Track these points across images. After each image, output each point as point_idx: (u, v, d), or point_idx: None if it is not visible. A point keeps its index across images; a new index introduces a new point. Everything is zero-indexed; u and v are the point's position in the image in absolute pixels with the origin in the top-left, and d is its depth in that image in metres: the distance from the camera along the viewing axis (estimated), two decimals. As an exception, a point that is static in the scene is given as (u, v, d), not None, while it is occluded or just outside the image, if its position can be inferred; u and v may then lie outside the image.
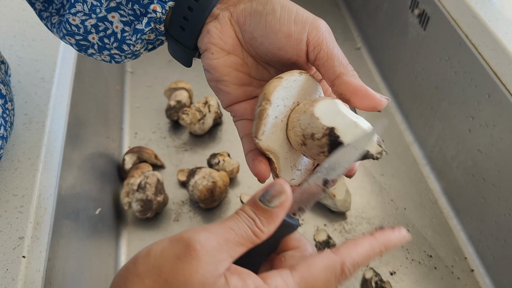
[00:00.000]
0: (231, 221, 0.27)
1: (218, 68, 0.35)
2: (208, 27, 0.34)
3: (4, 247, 0.41)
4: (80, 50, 0.39)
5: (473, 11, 0.69)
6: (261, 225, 0.28)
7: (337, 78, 0.32)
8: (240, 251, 0.27)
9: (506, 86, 0.63)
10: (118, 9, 0.35)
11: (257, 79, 0.36)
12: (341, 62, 0.32)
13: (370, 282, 0.69)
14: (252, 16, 0.33)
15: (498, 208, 0.67)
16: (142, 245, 0.74)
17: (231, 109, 0.37)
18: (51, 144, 0.51)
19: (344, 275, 0.27)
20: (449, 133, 0.79)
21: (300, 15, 0.32)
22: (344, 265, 0.27)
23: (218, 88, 0.36)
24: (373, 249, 0.29)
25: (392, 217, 0.79)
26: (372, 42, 1.08)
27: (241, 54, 0.35)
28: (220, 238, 0.26)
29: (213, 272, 0.25)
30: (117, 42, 0.37)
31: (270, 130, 0.32)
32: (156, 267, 0.25)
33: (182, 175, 0.82)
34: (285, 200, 0.28)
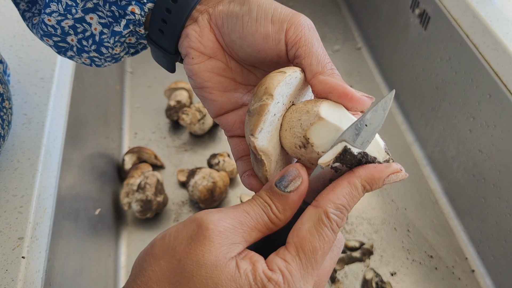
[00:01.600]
0: (246, 205, 0.27)
1: (199, 73, 0.33)
2: (187, 30, 0.33)
3: (3, 247, 0.41)
4: (59, 52, 0.38)
5: (474, 11, 0.69)
6: (276, 211, 0.27)
7: (313, 78, 0.30)
8: (256, 236, 0.27)
9: (507, 86, 0.63)
10: (96, 10, 0.34)
11: (243, 84, 0.35)
12: (319, 60, 0.30)
13: (371, 282, 0.69)
14: (229, 17, 0.32)
15: (499, 208, 0.67)
16: (142, 245, 0.73)
17: (220, 122, 0.35)
18: (50, 144, 0.51)
19: (334, 221, 0.26)
20: (449, 134, 0.78)
21: (278, 12, 0.31)
22: (327, 213, 0.26)
23: (202, 96, 0.35)
24: (354, 186, 0.27)
25: (392, 217, 0.79)
26: (372, 42, 1.08)
27: (223, 58, 0.34)
28: (234, 221, 0.26)
29: (226, 254, 0.25)
30: (95, 45, 0.36)
31: (267, 129, 0.30)
32: (171, 248, 0.25)
33: (182, 175, 0.81)
34: (300, 184, 0.27)
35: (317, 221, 0.26)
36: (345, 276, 0.71)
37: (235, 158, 0.35)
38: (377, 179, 0.28)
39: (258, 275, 0.25)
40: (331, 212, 0.26)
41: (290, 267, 0.25)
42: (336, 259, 0.30)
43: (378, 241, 0.75)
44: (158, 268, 0.25)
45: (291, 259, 0.26)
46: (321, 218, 0.26)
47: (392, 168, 0.28)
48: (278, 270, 0.25)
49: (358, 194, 0.27)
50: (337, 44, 1.11)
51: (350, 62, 1.07)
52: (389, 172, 0.28)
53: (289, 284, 0.25)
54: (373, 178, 0.28)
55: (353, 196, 0.27)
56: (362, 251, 0.73)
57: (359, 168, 0.28)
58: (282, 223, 0.27)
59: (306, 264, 0.26)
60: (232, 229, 0.26)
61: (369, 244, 0.74)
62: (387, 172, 0.28)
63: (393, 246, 0.75)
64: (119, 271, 0.71)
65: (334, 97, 0.30)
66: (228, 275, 0.24)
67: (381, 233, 0.76)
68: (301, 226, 0.26)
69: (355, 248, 0.74)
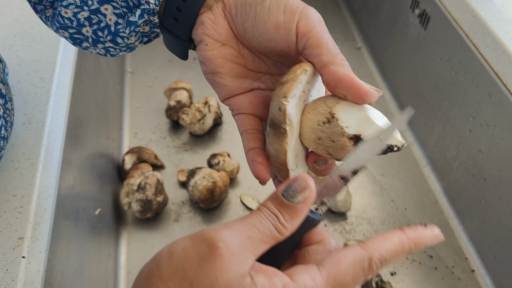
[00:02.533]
0: (253, 217, 0.27)
1: (213, 59, 0.34)
2: (202, 18, 0.34)
3: (3, 247, 0.41)
4: (74, 43, 0.38)
5: (474, 11, 0.69)
6: (284, 222, 0.27)
7: (323, 67, 0.31)
8: (263, 248, 0.26)
9: (506, 86, 0.63)
10: (111, 1, 0.35)
11: (254, 71, 0.36)
12: (330, 50, 0.31)
13: (371, 282, 0.69)
14: (243, 6, 0.33)
15: (499, 208, 0.67)
16: (142, 245, 0.74)
17: (228, 103, 0.36)
18: (50, 144, 0.51)
19: (372, 270, 0.27)
20: (449, 133, 0.78)
21: (290, 4, 0.32)
22: (371, 260, 0.27)
23: (214, 80, 0.36)
24: (402, 245, 0.28)
25: (392, 218, 0.79)
26: (372, 42, 1.08)
27: (236, 46, 0.35)
28: (243, 236, 0.25)
29: (238, 272, 0.24)
30: (111, 35, 0.37)
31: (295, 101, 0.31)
32: (181, 270, 0.25)
33: (182, 175, 0.81)
34: (309, 195, 0.27)
35: (359, 262, 0.27)
36: (345, 276, 0.71)
37: (240, 131, 0.36)
38: (423, 244, 0.28)
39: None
40: (374, 261, 0.27)
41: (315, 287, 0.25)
42: None
43: (378, 241, 0.75)
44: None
45: (319, 282, 0.26)
46: (364, 262, 0.27)
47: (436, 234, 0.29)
48: (302, 285, 0.25)
49: (402, 254, 0.28)
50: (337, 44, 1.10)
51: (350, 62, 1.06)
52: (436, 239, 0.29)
53: None
54: (421, 243, 0.28)
55: (397, 255, 0.28)
56: (362, 251, 0.73)
57: (409, 230, 0.29)
58: (288, 233, 0.27)
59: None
60: (241, 246, 0.25)
61: (369, 244, 0.74)
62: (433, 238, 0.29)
63: (393, 246, 0.75)
64: (119, 271, 0.71)
65: (342, 88, 0.30)
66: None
67: (381, 233, 0.76)
68: (343, 259, 0.27)
69: (355, 248, 0.74)
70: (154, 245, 0.74)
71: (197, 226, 0.76)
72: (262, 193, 0.80)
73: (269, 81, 0.36)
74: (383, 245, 0.27)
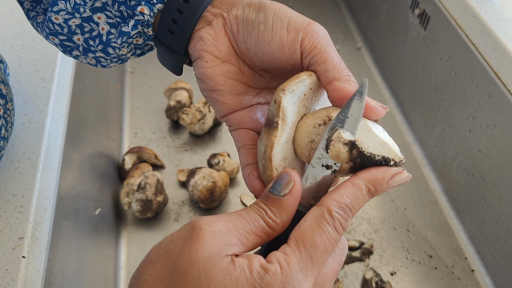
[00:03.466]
0: (241, 210, 0.27)
1: (213, 77, 0.33)
2: (201, 33, 0.33)
3: (4, 247, 0.41)
4: (64, 51, 0.37)
5: (474, 11, 0.69)
6: (272, 215, 0.27)
7: (329, 84, 0.30)
8: (253, 240, 0.27)
9: (506, 86, 0.63)
10: (105, 9, 0.34)
11: (254, 87, 0.35)
12: (335, 66, 0.30)
13: (371, 282, 0.69)
14: (244, 24, 0.32)
15: (499, 208, 0.67)
16: (142, 245, 0.74)
17: (227, 119, 0.35)
18: (51, 144, 0.51)
19: (336, 219, 0.26)
20: (449, 133, 0.79)
21: (293, 21, 0.31)
22: (330, 211, 0.26)
23: (212, 98, 0.35)
24: (358, 187, 0.27)
25: (392, 217, 0.79)
26: (372, 42, 1.08)
27: (236, 63, 0.34)
28: (228, 223, 0.26)
29: (220, 251, 0.25)
30: (102, 45, 0.36)
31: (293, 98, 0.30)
32: (166, 251, 0.26)
33: (182, 175, 0.81)
34: (293, 187, 0.27)
35: (319, 217, 0.26)
36: (345, 276, 0.71)
37: (237, 146, 0.35)
38: (380, 180, 0.28)
39: (255, 268, 0.25)
40: (334, 210, 0.26)
41: (289, 259, 0.25)
42: (341, 262, 0.29)
43: (378, 241, 0.75)
44: (153, 271, 0.25)
45: (290, 252, 0.25)
46: (324, 215, 0.26)
47: (394, 169, 0.29)
48: (276, 261, 0.25)
49: (362, 195, 0.28)
50: (337, 44, 1.11)
51: (350, 62, 1.07)
52: (392, 173, 0.28)
53: (286, 274, 0.25)
54: (376, 179, 0.28)
55: (356, 197, 0.27)
56: (361, 250, 0.73)
57: (361, 171, 0.28)
58: (279, 227, 0.27)
59: (306, 258, 0.25)
60: (226, 230, 0.26)
61: (368, 244, 0.74)
62: (390, 173, 0.28)
63: (393, 246, 0.75)
64: (119, 271, 0.71)
65: None
66: (222, 269, 0.24)
67: (381, 233, 0.77)
68: (303, 223, 0.27)
69: (355, 247, 0.74)
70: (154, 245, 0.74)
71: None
72: (262, 193, 0.80)
73: (268, 95, 0.36)
74: (336, 193, 0.27)
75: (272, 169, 0.30)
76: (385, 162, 0.29)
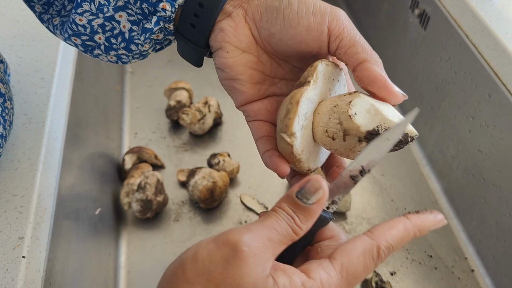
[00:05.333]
0: (271, 219, 0.28)
1: (234, 66, 0.34)
2: (222, 25, 0.34)
3: (4, 247, 0.41)
4: (85, 51, 0.38)
5: (474, 11, 0.69)
6: (299, 223, 0.28)
7: (360, 64, 0.31)
8: (281, 249, 0.28)
9: (506, 86, 0.63)
10: (126, 8, 0.35)
11: (271, 76, 0.36)
12: (365, 48, 0.32)
13: (371, 282, 0.69)
14: (269, 12, 0.33)
15: (498, 208, 0.67)
16: (142, 245, 0.74)
17: (244, 109, 0.37)
18: (51, 144, 0.51)
19: (380, 258, 0.28)
20: (449, 133, 0.79)
21: (318, 6, 0.32)
22: (379, 249, 0.28)
23: (232, 86, 0.36)
24: (407, 232, 0.29)
25: (392, 217, 0.78)
26: (372, 42, 1.08)
27: (256, 52, 0.35)
28: (264, 238, 0.27)
29: (262, 273, 0.26)
30: (124, 42, 0.36)
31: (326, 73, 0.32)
32: (206, 273, 0.25)
33: (182, 175, 0.81)
34: (322, 196, 0.28)
35: (368, 251, 0.28)
36: (345, 276, 0.71)
37: (255, 138, 0.36)
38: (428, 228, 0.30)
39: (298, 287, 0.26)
40: (382, 249, 0.28)
41: (331, 281, 0.27)
42: None
43: (378, 241, 0.75)
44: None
45: (334, 275, 0.27)
46: (372, 251, 0.28)
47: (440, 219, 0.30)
48: (319, 280, 0.26)
49: (408, 239, 0.29)
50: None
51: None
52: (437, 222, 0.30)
53: None
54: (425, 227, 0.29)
55: (403, 241, 0.29)
56: (362, 251, 0.73)
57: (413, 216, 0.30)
58: (303, 233, 0.28)
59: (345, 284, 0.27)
60: (263, 248, 0.26)
61: (368, 244, 0.74)
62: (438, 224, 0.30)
63: (393, 246, 0.75)
64: (119, 271, 0.71)
65: (375, 86, 0.31)
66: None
67: (381, 233, 0.77)
68: (353, 251, 0.28)
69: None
70: (154, 245, 0.74)
71: (197, 226, 0.76)
72: (262, 193, 0.80)
73: (284, 86, 0.37)
74: (389, 233, 0.28)
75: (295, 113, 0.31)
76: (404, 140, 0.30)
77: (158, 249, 0.73)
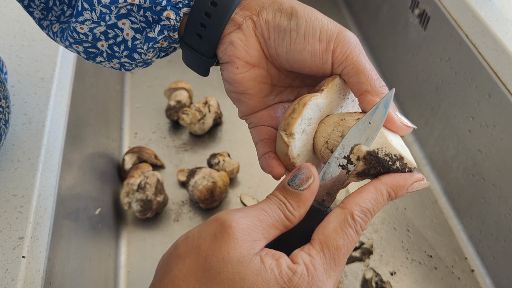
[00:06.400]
0: (263, 203, 0.28)
1: (243, 82, 0.34)
2: (231, 38, 0.33)
3: (4, 247, 0.41)
4: (88, 58, 0.37)
5: (474, 11, 0.69)
6: (291, 209, 0.28)
7: (361, 95, 0.31)
8: (274, 233, 0.28)
9: (506, 86, 0.63)
10: (129, 15, 0.33)
11: (278, 86, 0.36)
12: (368, 78, 0.31)
13: (370, 282, 0.69)
14: (276, 31, 0.32)
15: (498, 208, 0.67)
16: (142, 245, 0.74)
17: (247, 118, 0.36)
18: (51, 144, 0.51)
19: (358, 223, 0.28)
20: (449, 133, 0.79)
21: (325, 30, 0.31)
22: (353, 214, 0.28)
23: (238, 99, 0.35)
24: (379, 192, 0.29)
25: (392, 217, 0.79)
26: (372, 42, 1.08)
27: (265, 66, 0.34)
28: (254, 218, 0.27)
29: (250, 250, 0.26)
30: (127, 51, 0.35)
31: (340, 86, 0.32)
32: (195, 247, 0.26)
33: (182, 175, 0.81)
34: (312, 182, 0.28)
35: (342, 221, 0.28)
36: (345, 276, 0.71)
37: (255, 141, 0.36)
38: (402, 186, 0.29)
39: (283, 269, 0.26)
40: (356, 214, 0.28)
41: (314, 261, 0.27)
42: None
43: (378, 240, 0.75)
44: (184, 266, 0.26)
45: (315, 254, 0.27)
46: (347, 219, 0.28)
47: (415, 176, 0.30)
48: (302, 263, 0.27)
49: (383, 200, 0.29)
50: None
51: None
52: (413, 180, 0.30)
53: (312, 276, 0.26)
54: (398, 185, 0.29)
55: (378, 202, 0.29)
56: (361, 250, 0.73)
57: (384, 175, 0.29)
58: (296, 220, 0.29)
59: (330, 260, 0.27)
60: (253, 227, 0.27)
61: (368, 244, 0.74)
62: (411, 180, 0.30)
63: (393, 246, 0.75)
64: (119, 271, 0.71)
65: None
66: (254, 270, 0.26)
67: (381, 232, 0.77)
68: (327, 225, 0.28)
69: (355, 247, 0.74)
70: (154, 245, 0.74)
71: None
72: (262, 193, 0.80)
73: (291, 93, 0.36)
74: (359, 197, 0.29)
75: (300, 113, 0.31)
76: (401, 169, 0.30)
77: (158, 249, 0.73)
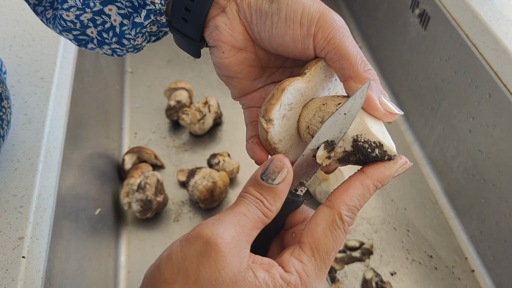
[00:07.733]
0: (240, 206, 0.27)
1: (230, 66, 0.33)
2: (216, 22, 0.33)
3: (3, 247, 0.41)
4: (79, 45, 0.37)
5: (474, 11, 0.69)
6: (268, 205, 0.28)
7: (345, 81, 0.30)
8: (255, 234, 0.27)
9: (506, 86, 0.63)
10: (115, 1, 0.33)
11: (269, 67, 0.35)
12: (351, 63, 0.29)
13: (371, 282, 0.69)
14: (258, 14, 0.32)
15: (499, 208, 0.67)
16: (142, 245, 0.74)
17: (240, 99, 0.36)
18: (50, 144, 0.51)
19: (346, 223, 0.27)
20: (449, 133, 0.79)
21: (307, 13, 0.30)
22: (341, 215, 0.27)
23: (229, 82, 0.35)
24: (366, 187, 0.28)
25: (392, 218, 0.79)
26: (372, 42, 1.08)
27: (252, 49, 0.34)
28: (236, 227, 0.26)
29: (240, 265, 0.25)
30: (116, 37, 0.36)
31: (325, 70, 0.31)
32: (182, 270, 0.25)
33: (182, 175, 0.81)
34: (287, 174, 0.28)
35: (331, 223, 0.27)
36: (345, 276, 0.71)
37: (246, 122, 0.36)
38: (388, 176, 0.29)
39: (277, 281, 0.25)
40: (344, 214, 0.27)
41: (307, 268, 0.26)
42: None
43: (378, 241, 0.75)
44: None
45: (307, 260, 0.27)
46: (335, 220, 0.27)
47: (399, 162, 0.29)
48: (295, 272, 0.26)
49: (369, 194, 0.28)
50: (337, 44, 1.11)
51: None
52: (398, 167, 0.29)
53: (306, 285, 0.26)
54: (384, 176, 0.28)
55: (364, 197, 0.28)
56: (362, 251, 0.73)
57: (369, 168, 0.28)
58: (274, 214, 0.28)
59: (321, 264, 0.27)
60: (237, 237, 0.26)
61: (369, 244, 0.74)
62: (395, 167, 0.29)
63: (393, 246, 0.75)
64: (119, 271, 0.71)
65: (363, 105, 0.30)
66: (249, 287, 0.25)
67: (381, 233, 0.77)
68: (316, 227, 0.27)
69: (355, 248, 0.74)
70: (154, 245, 0.74)
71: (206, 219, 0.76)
72: (262, 193, 0.80)
73: (283, 74, 0.36)
74: (346, 195, 0.28)
75: (278, 99, 0.31)
76: (380, 156, 0.29)
77: (158, 249, 0.73)
